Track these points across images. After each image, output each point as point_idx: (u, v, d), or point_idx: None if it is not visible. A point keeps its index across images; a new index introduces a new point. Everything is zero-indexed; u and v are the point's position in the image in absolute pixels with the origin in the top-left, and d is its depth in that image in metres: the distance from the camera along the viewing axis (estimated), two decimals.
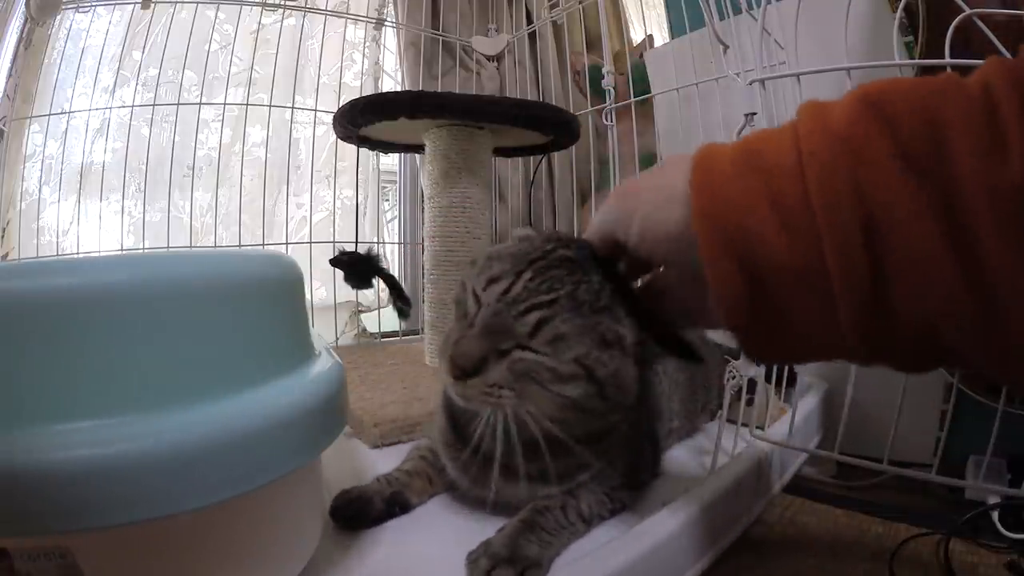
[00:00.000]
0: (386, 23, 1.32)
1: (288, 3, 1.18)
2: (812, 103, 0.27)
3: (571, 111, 0.97)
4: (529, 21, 1.39)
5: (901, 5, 0.64)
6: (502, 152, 1.05)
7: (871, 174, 0.23)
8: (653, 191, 0.30)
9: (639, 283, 0.39)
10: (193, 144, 1.11)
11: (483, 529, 0.41)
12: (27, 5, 1.04)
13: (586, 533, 0.42)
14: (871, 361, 0.26)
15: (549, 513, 0.40)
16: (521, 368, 0.35)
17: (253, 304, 0.32)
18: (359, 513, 0.44)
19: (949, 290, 0.22)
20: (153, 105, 1.10)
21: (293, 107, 1.15)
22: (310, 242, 1.14)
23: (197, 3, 1.10)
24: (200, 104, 1.09)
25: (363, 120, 0.82)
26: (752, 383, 0.66)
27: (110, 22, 1.13)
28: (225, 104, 1.12)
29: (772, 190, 0.25)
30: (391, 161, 1.46)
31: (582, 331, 0.35)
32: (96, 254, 1.07)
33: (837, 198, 0.23)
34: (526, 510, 0.41)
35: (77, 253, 1.09)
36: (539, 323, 0.35)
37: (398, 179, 1.46)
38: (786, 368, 0.76)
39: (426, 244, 0.92)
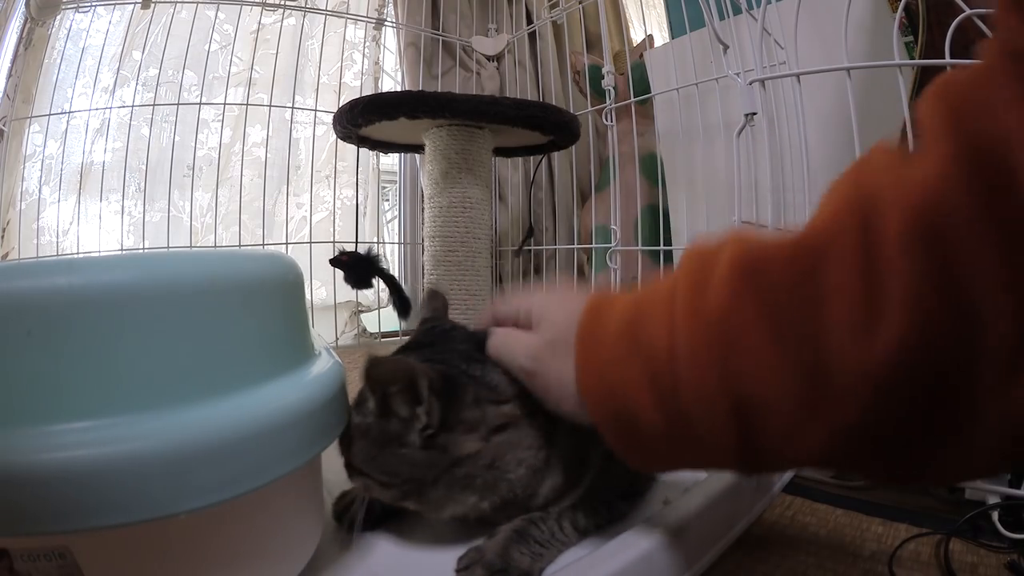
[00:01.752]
0: (386, 23, 1.32)
1: (288, 3, 1.18)
2: (695, 258, 0.27)
3: (571, 111, 0.97)
4: (529, 21, 1.40)
5: (901, 5, 0.64)
6: (502, 152, 1.05)
7: (744, 363, 0.24)
8: (555, 372, 0.32)
9: None
10: (193, 144, 1.12)
11: (483, 529, 0.41)
12: (27, 5, 1.05)
13: (579, 543, 0.41)
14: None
15: (543, 523, 0.40)
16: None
17: (253, 304, 0.32)
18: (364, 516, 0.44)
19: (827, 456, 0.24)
20: (153, 105, 1.10)
21: (293, 107, 1.15)
22: (310, 242, 1.14)
23: (197, 3, 1.10)
24: (200, 104, 1.09)
25: (363, 120, 0.82)
26: None
27: (110, 22, 1.13)
28: (225, 104, 1.13)
29: (649, 373, 0.27)
30: (391, 161, 1.46)
31: (358, 448, 0.37)
32: (96, 254, 1.07)
33: (706, 390, 0.25)
34: (520, 518, 0.40)
35: (77, 253, 1.09)
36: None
37: (398, 179, 1.46)
38: None
39: (426, 244, 0.93)
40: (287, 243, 1.18)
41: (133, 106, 1.10)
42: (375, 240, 1.29)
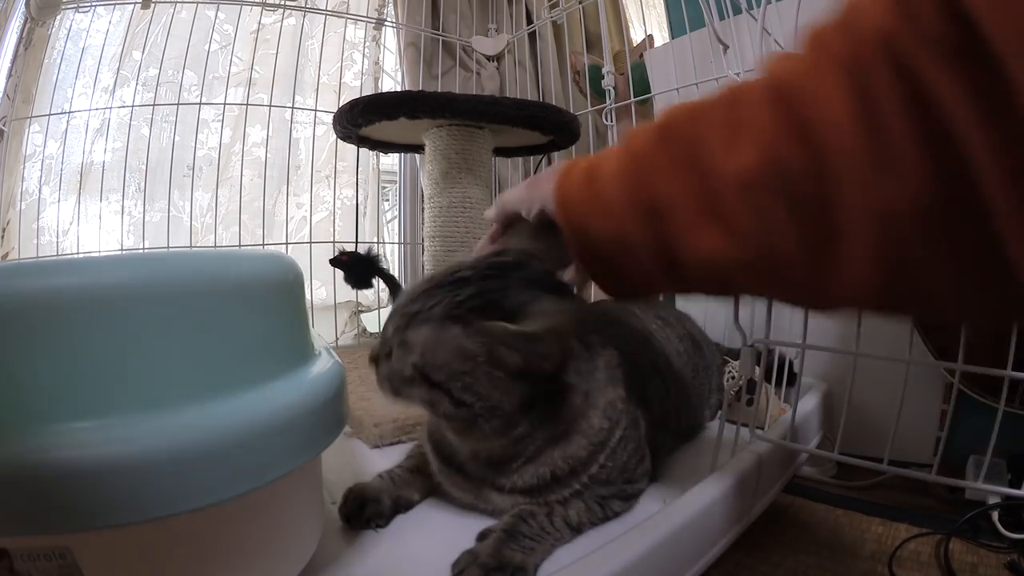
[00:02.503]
0: (386, 23, 1.32)
1: (288, 3, 1.18)
2: (631, 130, 0.40)
3: (571, 111, 0.97)
4: (529, 21, 1.39)
5: None
6: (502, 152, 1.05)
7: (655, 179, 0.35)
8: (541, 190, 0.43)
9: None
10: (193, 144, 1.11)
11: (481, 526, 0.41)
12: (27, 5, 1.04)
13: (573, 539, 0.42)
14: (692, 292, 0.38)
15: (533, 519, 0.40)
16: (388, 369, 0.41)
17: (253, 304, 0.32)
18: (375, 515, 0.44)
19: (719, 254, 0.33)
20: (153, 105, 1.10)
21: (293, 107, 1.15)
22: (310, 242, 1.14)
23: (197, 3, 1.10)
24: (200, 104, 1.09)
25: (363, 120, 0.82)
26: (752, 383, 0.66)
27: (110, 22, 1.13)
28: (225, 104, 1.12)
29: (596, 195, 0.38)
30: (391, 161, 1.46)
31: (425, 340, 0.39)
32: (96, 254, 1.07)
33: (631, 201, 0.36)
34: (510, 515, 0.41)
35: (77, 253, 1.08)
36: (396, 329, 0.41)
37: (398, 179, 1.46)
38: (786, 368, 0.76)
39: (426, 244, 0.92)
40: (287, 243, 1.17)
41: (133, 106, 1.10)
42: (375, 240, 1.29)
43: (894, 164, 0.29)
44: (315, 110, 1.21)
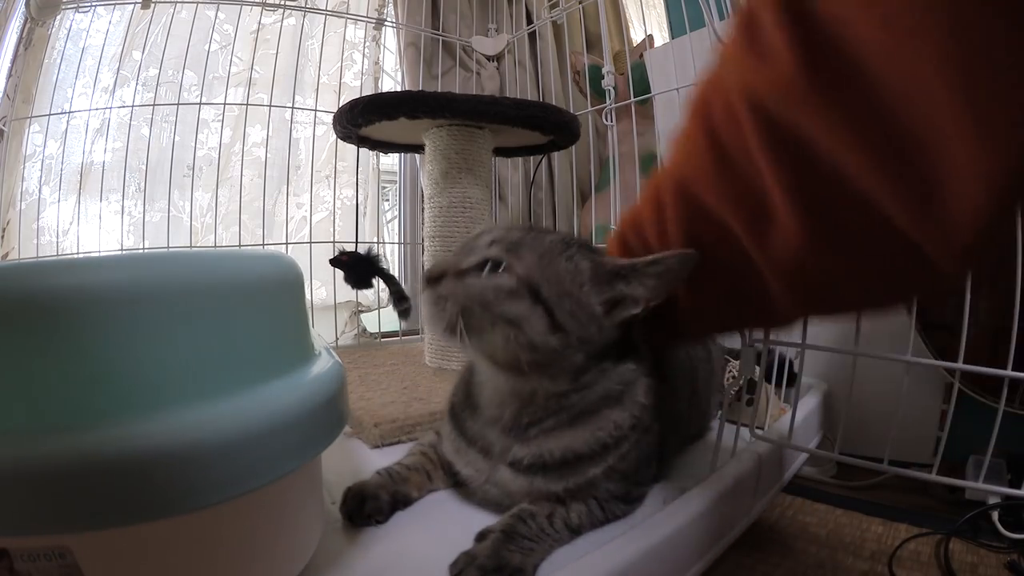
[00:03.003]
0: (386, 23, 1.32)
1: (288, 3, 1.18)
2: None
3: (571, 111, 0.97)
4: (529, 21, 1.39)
5: None
6: (502, 152, 1.05)
7: (685, 163, 0.41)
8: None
9: None
10: (193, 144, 1.11)
11: (483, 524, 0.41)
12: (27, 5, 1.04)
13: (572, 540, 0.42)
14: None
15: (532, 520, 0.40)
16: (472, 288, 0.40)
17: (253, 304, 0.32)
18: (374, 511, 0.45)
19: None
20: (153, 105, 1.10)
21: (293, 107, 1.15)
22: (310, 242, 1.14)
23: (197, 3, 1.10)
24: (200, 104, 1.09)
25: (363, 120, 0.82)
26: (752, 383, 0.66)
27: (110, 22, 1.13)
28: (225, 104, 1.12)
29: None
30: (391, 161, 1.46)
31: (533, 261, 0.40)
32: (96, 254, 1.07)
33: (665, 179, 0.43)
34: (509, 515, 0.41)
35: (77, 253, 1.08)
36: (491, 243, 0.41)
37: (398, 179, 1.46)
38: (786, 368, 0.76)
39: (426, 244, 0.92)
40: (287, 243, 1.17)
41: (133, 106, 1.10)
42: (375, 240, 1.29)
43: (773, 214, 0.34)
44: (315, 110, 1.21)
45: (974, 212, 0.28)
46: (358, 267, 0.91)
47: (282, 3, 1.16)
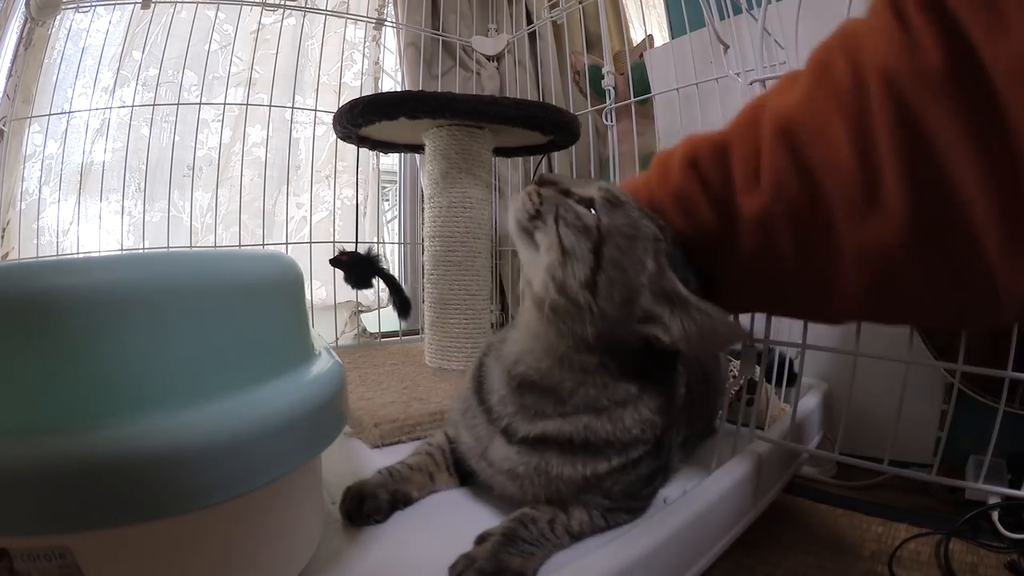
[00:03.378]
0: (386, 23, 1.32)
1: (288, 3, 1.18)
2: (658, 160, 0.48)
3: (571, 111, 0.97)
4: (529, 21, 1.39)
5: None
6: (502, 152, 1.05)
7: (694, 212, 0.44)
8: None
9: None
10: (193, 144, 1.11)
11: (482, 527, 0.41)
12: (27, 5, 1.04)
13: (573, 546, 0.42)
14: None
15: (533, 525, 0.40)
16: (563, 203, 0.41)
17: (253, 304, 0.32)
18: (373, 510, 0.45)
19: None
20: (153, 105, 1.10)
21: (293, 107, 1.15)
22: (310, 242, 1.14)
23: (197, 3, 1.10)
24: (200, 104, 1.09)
25: (363, 120, 0.82)
26: (752, 383, 0.65)
27: (110, 22, 1.13)
28: (225, 104, 1.12)
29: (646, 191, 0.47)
30: (391, 161, 1.46)
31: (619, 225, 0.41)
32: (96, 254, 1.07)
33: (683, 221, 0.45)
34: (509, 519, 0.40)
35: (77, 253, 1.08)
36: (601, 188, 0.43)
37: (398, 179, 1.46)
38: (787, 368, 0.76)
39: (426, 244, 0.93)
40: (287, 243, 1.17)
41: (133, 106, 1.10)
42: (375, 240, 1.29)
43: (879, 199, 0.33)
44: (315, 110, 1.21)
45: None
46: (358, 267, 0.91)
47: (282, 3, 1.16)
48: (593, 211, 0.41)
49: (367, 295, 1.23)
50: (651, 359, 0.42)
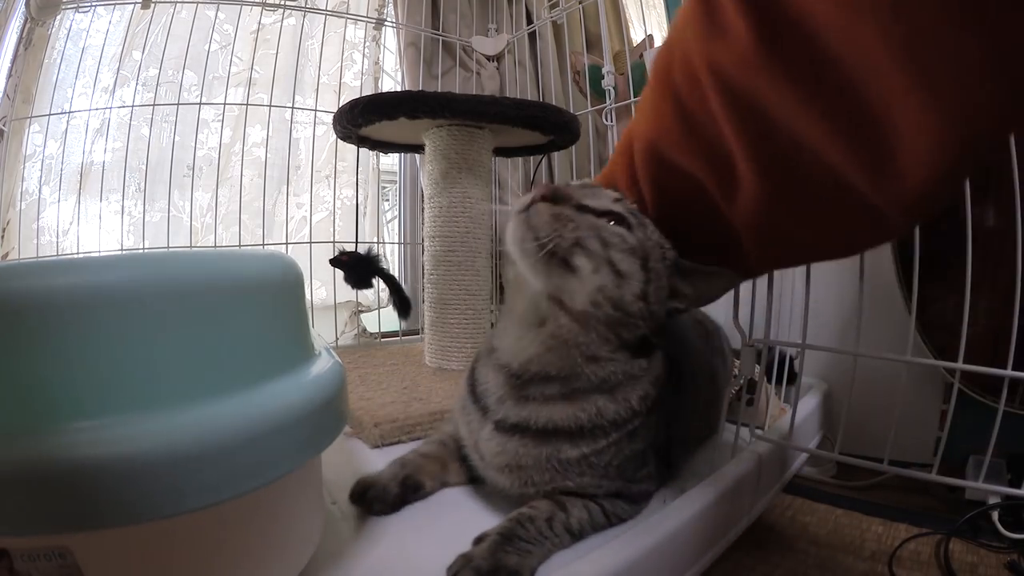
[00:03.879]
0: (386, 23, 1.32)
1: (288, 3, 1.18)
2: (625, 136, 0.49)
3: (571, 111, 0.97)
4: (529, 21, 1.39)
5: None
6: (502, 152, 1.05)
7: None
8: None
9: None
10: (193, 144, 1.11)
11: (483, 528, 0.41)
12: (27, 5, 1.05)
13: (573, 544, 0.42)
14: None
15: (531, 524, 0.40)
16: (596, 224, 0.41)
17: (253, 304, 0.32)
18: (378, 497, 0.46)
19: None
20: (153, 105, 1.10)
21: (293, 107, 1.15)
22: (310, 242, 1.14)
23: (197, 3, 1.10)
24: (200, 104, 1.09)
25: (363, 120, 0.82)
26: (752, 383, 0.66)
27: (110, 22, 1.13)
28: (225, 104, 1.12)
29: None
30: (391, 161, 1.46)
31: (645, 233, 0.43)
32: (96, 254, 1.07)
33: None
34: (507, 519, 0.41)
35: (77, 253, 1.09)
36: (616, 200, 0.44)
37: (398, 179, 1.46)
38: (786, 367, 0.76)
39: (426, 244, 0.93)
40: (287, 243, 1.17)
41: (133, 106, 1.10)
42: (375, 240, 1.29)
43: (740, 181, 0.36)
44: (315, 110, 1.21)
45: (924, 174, 0.31)
46: (358, 267, 0.91)
47: (282, 3, 1.16)
48: (630, 230, 0.43)
49: (367, 295, 1.23)
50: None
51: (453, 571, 0.36)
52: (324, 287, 1.18)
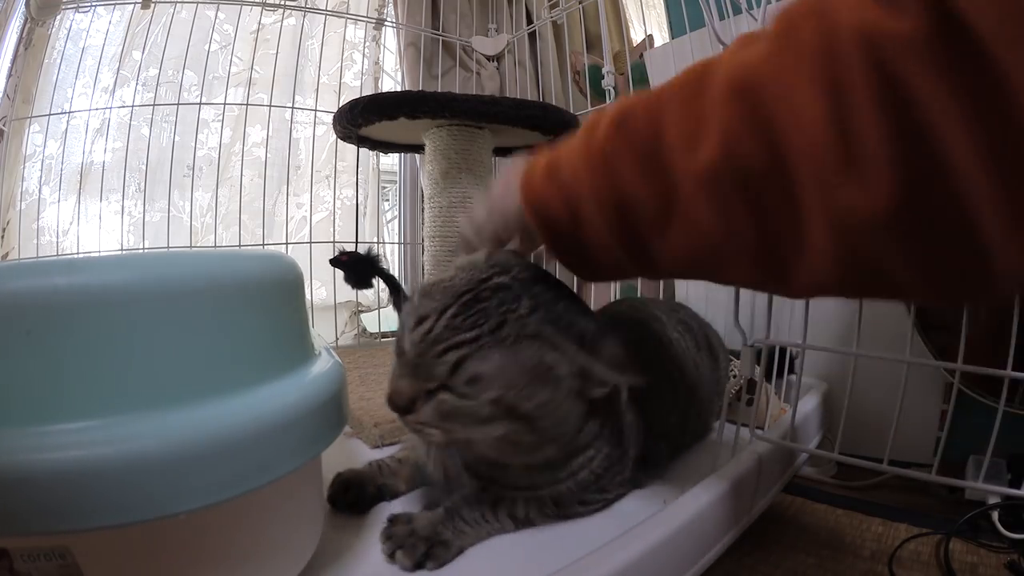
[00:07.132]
0: (386, 23, 1.32)
1: (288, 3, 1.18)
2: (592, 117, 0.39)
3: (571, 111, 0.97)
4: (529, 21, 1.39)
5: None
6: (502, 152, 1.05)
7: (619, 175, 0.35)
8: (507, 201, 0.43)
9: None
10: (193, 144, 1.11)
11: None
12: (27, 5, 1.04)
13: (520, 530, 0.44)
14: (662, 277, 0.40)
15: (476, 507, 0.42)
16: (445, 409, 0.37)
17: (253, 304, 0.32)
18: (356, 499, 0.47)
19: (682, 252, 0.35)
20: (153, 105, 1.10)
21: (293, 107, 1.15)
22: (310, 242, 1.14)
23: (197, 3, 1.10)
24: (200, 104, 1.09)
25: (363, 120, 0.82)
26: (752, 383, 0.65)
27: (110, 22, 1.13)
28: (225, 104, 1.12)
29: (565, 190, 0.38)
30: (391, 161, 1.45)
31: (502, 368, 0.35)
32: (96, 254, 1.07)
33: (598, 197, 0.36)
34: (455, 498, 0.43)
35: (77, 253, 1.08)
36: (456, 364, 0.35)
37: (398, 179, 1.46)
38: (787, 357, 0.76)
39: (426, 244, 0.92)
40: (287, 243, 1.17)
41: (133, 106, 1.10)
42: (375, 240, 1.29)
43: (861, 169, 0.28)
44: (315, 110, 1.21)
45: None
46: (358, 267, 0.91)
47: (282, 3, 1.16)
48: (440, 401, 0.37)
49: (367, 295, 1.23)
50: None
51: (388, 533, 0.40)
52: (324, 287, 1.18)
